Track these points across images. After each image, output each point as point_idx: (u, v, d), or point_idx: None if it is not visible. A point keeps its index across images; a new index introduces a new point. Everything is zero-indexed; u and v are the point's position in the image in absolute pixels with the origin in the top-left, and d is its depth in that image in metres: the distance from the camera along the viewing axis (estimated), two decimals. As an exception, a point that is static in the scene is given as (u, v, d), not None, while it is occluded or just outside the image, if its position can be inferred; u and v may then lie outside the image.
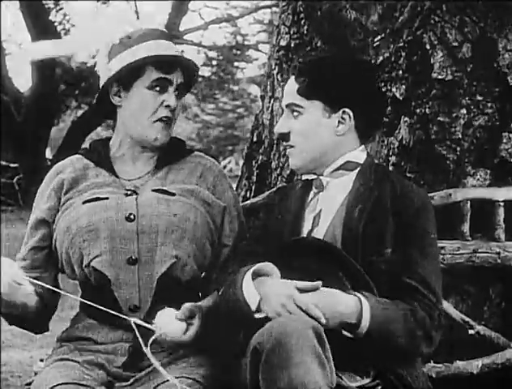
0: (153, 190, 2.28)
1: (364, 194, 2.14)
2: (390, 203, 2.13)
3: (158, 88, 2.27)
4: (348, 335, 1.98)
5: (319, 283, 1.93)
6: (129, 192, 2.28)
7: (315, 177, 2.21)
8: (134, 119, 2.31)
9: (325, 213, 2.17)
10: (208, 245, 2.29)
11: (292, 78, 2.18)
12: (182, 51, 2.39)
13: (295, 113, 2.16)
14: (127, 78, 2.29)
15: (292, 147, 2.19)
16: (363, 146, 2.22)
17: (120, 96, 2.32)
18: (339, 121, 2.15)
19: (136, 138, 2.33)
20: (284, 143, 2.22)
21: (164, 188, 2.29)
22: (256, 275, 2.01)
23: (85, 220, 2.23)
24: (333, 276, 2.00)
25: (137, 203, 2.24)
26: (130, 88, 2.29)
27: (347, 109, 2.14)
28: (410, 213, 2.13)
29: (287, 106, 2.19)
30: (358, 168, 2.19)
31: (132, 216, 2.22)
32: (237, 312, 2.02)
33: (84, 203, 2.26)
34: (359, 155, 2.21)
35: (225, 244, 2.35)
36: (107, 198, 2.26)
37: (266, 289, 1.97)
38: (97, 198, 2.25)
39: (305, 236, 2.15)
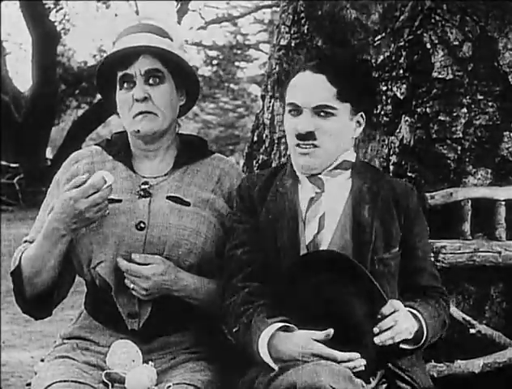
0: (168, 198, 2.24)
1: (369, 193, 2.15)
2: (392, 201, 2.17)
3: (126, 85, 2.26)
4: (407, 347, 2.06)
5: (331, 330, 1.92)
6: (142, 193, 2.26)
7: (309, 175, 2.18)
8: (122, 119, 2.31)
9: (329, 215, 2.14)
10: (216, 257, 2.26)
11: (320, 77, 2.12)
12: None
13: (322, 114, 2.11)
14: (109, 83, 2.30)
15: (315, 146, 2.13)
16: None
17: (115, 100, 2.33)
18: (356, 125, 2.19)
19: (131, 136, 2.34)
20: (306, 142, 2.13)
21: (179, 196, 2.25)
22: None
23: (95, 223, 2.21)
24: (349, 293, 2.00)
25: (149, 210, 2.22)
26: (115, 92, 2.31)
27: (362, 113, 2.18)
28: (413, 210, 2.19)
29: (316, 107, 2.11)
30: (351, 167, 2.20)
31: (142, 225, 2.20)
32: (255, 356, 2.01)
33: None
34: (352, 153, 2.23)
35: None
36: (120, 201, 2.23)
37: (283, 348, 1.96)
38: (111, 200, 2.22)
39: (319, 250, 2.11)
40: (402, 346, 2.03)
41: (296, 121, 2.13)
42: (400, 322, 1.97)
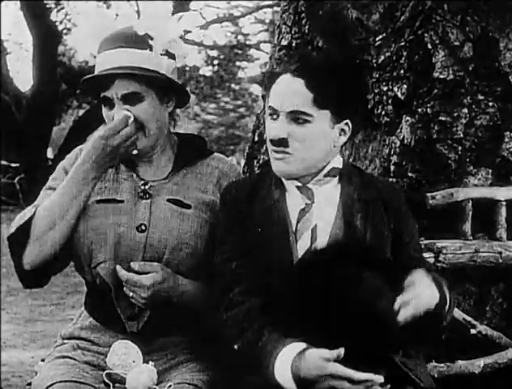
0: (168, 200, 2.23)
1: (359, 201, 2.10)
2: (382, 205, 2.11)
3: (107, 105, 2.24)
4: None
5: (341, 351, 1.82)
6: (142, 194, 2.25)
7: (300, 184, 2.11)
8: None
9: (320, 225, 2.08)
10: None
11: (299, 81, 2.03)
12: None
13: (300, 121, 2.02)
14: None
15: (288, 153, 2.05)
16: None
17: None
18: (339, 133, 2.08)
19: None
20: (278, 149, 2.05)
21: (180, 199, 2.24)
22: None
23: (96, 222, 2.20)
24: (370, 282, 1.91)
25: (150, 212, 2.21)
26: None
27: (348, 121, 2.07)
28: (402, 212, 2.13)
29: (291, 112, 2.03)
30: (339, 173, 2.13)
31: (143, 227, 2.19)
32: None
33: (99, 202, 2.24)
34: (339, 160, 2.14)
35: None
36: (121, 202, 2.22)
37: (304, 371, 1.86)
38: (112, 200, 2.22)
39: (318, 249, 2.03)
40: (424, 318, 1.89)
41: (271, 125, 2.07)
42: (421, 296, 1.86)
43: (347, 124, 2.08)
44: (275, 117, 2.07)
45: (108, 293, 2.20)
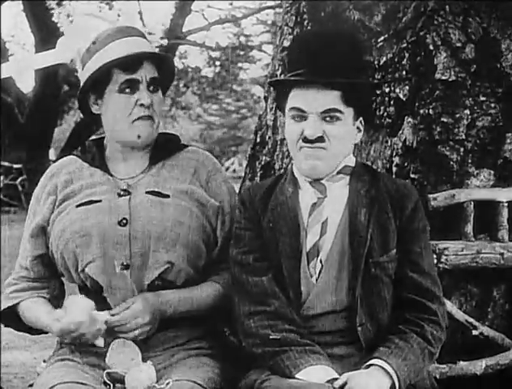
0: (147, 192, 2.26)
1: (366, 197, 2.14)
2: (389, 203, 2.15)
3: (128, 90, 2.25)
4: None
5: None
6: (122, 192, 2.26)
7: (311, 180, 2.16)
8: (113, 124, 2.29)
9: (330, 220, 2.13)
10: (203, 247, 2.27)
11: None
12: (161, 45, 2.37)
13: (328, 119, 2.08)
14: (98, 86, 2.28)
15: (323, 149, 2.10)
16: None
17: (97, 104, 2.31)
18: (357, 130, 2.17)
19: (121, 142, 2.31)
20: (314, 145, 2.09)
21: (158, 190, 2.26)
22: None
23: (78, 225, 2.22)
24: None
25: (130, 206, 2.23)
26: (104, 95, 2.28)
27: (361, 118, 2.17)
28: (409, 210, 2.15)
29: (323, 112, 2.08)
30: (351, 172, 2.19)
31: (124, 221, 2.21)
32: None
33: (78, 206, 2.26)
34: (351, 158, 2.22)
35: (217, 241, 2.32)
36: (100, 201, 2.24)
37: None
38: (91, 202, 2.24)
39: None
40: None
41: (301, 126, 2.10)
42: None
43: (361, 122, 2.17)
44: (297, 119, 2.11)
45: (99, 293, 2.21)
